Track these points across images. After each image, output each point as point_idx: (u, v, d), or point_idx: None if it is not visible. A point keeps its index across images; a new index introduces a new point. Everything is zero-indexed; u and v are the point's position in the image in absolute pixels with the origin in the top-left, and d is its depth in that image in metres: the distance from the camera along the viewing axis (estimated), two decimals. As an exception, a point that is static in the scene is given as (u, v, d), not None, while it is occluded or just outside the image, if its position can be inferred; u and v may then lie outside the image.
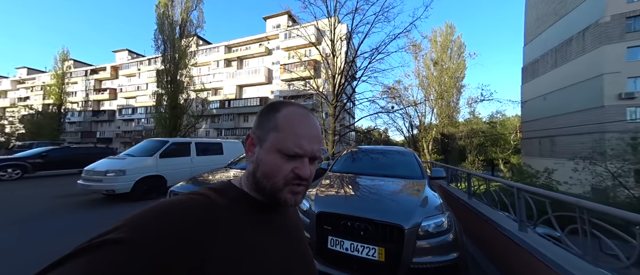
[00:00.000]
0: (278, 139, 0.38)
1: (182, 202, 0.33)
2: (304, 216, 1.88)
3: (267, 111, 0.41)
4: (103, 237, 0.27)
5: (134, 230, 0.27)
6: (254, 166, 0.40)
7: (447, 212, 1.75)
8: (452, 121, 20.10)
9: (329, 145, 8.05)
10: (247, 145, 0.43)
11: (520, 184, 1.99)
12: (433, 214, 1.69)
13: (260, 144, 0.40)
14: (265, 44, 27.24)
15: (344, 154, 3.58)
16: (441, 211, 1.75)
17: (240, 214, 0.37)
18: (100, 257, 0.25)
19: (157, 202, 0.32)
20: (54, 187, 5.85)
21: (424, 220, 1.61)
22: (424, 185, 2.28)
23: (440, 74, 18.04)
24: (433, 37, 19.39)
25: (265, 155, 0.38)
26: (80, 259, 0.25)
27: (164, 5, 16.09)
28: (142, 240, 0.26)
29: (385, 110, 9.98)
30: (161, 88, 16.32)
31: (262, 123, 0.41)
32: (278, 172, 0.37)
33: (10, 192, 5.27)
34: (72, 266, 0.24)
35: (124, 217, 0.29)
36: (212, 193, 0.37)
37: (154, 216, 0.30)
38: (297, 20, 8.63)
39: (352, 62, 8.57)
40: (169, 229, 0.28)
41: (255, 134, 0.41)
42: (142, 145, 5.53)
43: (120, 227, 0.28)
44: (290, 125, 0.39)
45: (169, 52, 16.18)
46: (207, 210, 0.33)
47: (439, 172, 2.78)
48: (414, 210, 1.71)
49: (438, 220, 1.65)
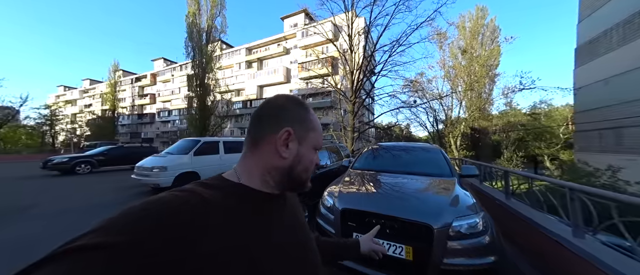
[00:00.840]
0: (315, 138, 0.45)
1: (163, 200, 0.30)
2: (328, 212, 1.91)
3: (302, 110, 0.45)
4: (75, 242, 0.24)
5: (108, 235, 0.25)
6: (293, 161, 0.41)
7: (482, 213, 1.62)
8: (484, 114, 18.17)
9: (348, 142, 7.95)
10: (282, 139, 0.40)
11: (573, 184, 1.74)
12: (465, 214, 1.59)
13: (299, 141, 0.43)
14: (283, 44, 27.84)
15: (364, 151, 3.53)
16: (474, 211, 1.63)
17: (235, 207, 0.36)
18: (70, 266, 0.22)
19: (137, 202, 0.30)
20: (114, 180, 6.88)
21: (455, 220, 1.52)
22: (453, 183, 2.14)
23: (470, 63, 16.33)
24: (461, 23, 17.62)
25: (306, 151, 0.44)
26: (48, 268, 0.22)
27: (192, 14, 17.46)
28: (116, 245, 0.24)
29: (407, 104, 9.43)
30: (191, 91, 17.86)
31: (299, 121, 0.43)
32: (312, 164, 0.45)
33: (85, 184, 6.37)
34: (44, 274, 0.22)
35: (102, 219, 0.27)
36: (201, 188, 0.35)
37: (129, 217, 0.27)
38: (314, 18, 8.57)
39: (371, 57, 8.27)
40: (146, 231, 0.26)
41: (294, 129, 0.41)
42: (179, 144, 6.15)
43: (95, 230, 0.25)
44: (318, 126, 0.47)
45: (197, 58, 17.57)
46: (193, 206, 0.31)
47: (470, 169, 2.59)
48: (444, 209, 1.63)
49: (471, 220, 1.54)
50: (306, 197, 2.98)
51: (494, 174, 3.77)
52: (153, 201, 0.30)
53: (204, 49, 17.65)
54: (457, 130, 16.07)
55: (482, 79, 15.84)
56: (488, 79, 17.25)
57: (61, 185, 6.23)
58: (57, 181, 6.84)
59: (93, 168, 8.76)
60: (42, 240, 2.64)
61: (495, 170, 3.77)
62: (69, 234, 0.23)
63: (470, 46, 16.83)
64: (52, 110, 30.38)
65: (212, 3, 18.04)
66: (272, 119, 0.42)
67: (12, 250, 2.42)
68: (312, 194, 3.07)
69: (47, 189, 5.63)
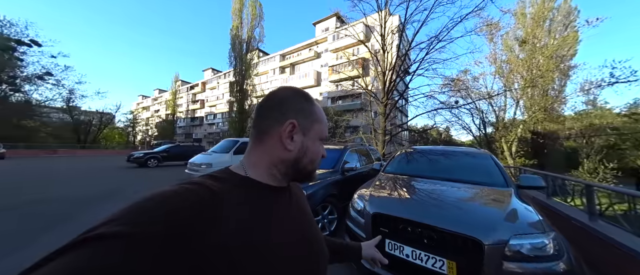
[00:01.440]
0: (320, 129, 0.45)
1: (174, 193, 0.31)
2: (358, 215, 1.87)
3: (305, 101, 0.45)
4: (93, 231, 0.25)
5: (123, 224, 0.26)
6: (298, 153, 0.42)
7: (553, 233, 1.33)
8: (551, 115, 14.84)
9: (379, 145, 7.61)
10: (286, 132, 0.40)
11: None
12: (527, 232, 1.34)
13: (304, 133, 0.43)
14: (314, 48, 28.71)
15: (397, 154, 3.32)
16: (541, 230, 1.36)
17: (243, 199, 0.36)
18: (90, 253, 0.23)
19: (148, 193, 0.30)
20: (172, 173, 8.26)
21: (513, 238, 1.29)
22: (509, 195, 1.84)
23: (531, 56, 13.56)
24: (519, 10, 14.84)
25: (312, 143, 0.44)
26: (70, 255, 0.23)
27: (235, 28, 19.67)
28: (131, 234, 0.25)
29: (447, 105, 8.48)
30: (232, 97, 20.04)
31: (303, 113, 0.43)
32: (318, 155, 0.45)
33: (153, 175, 7.86)
34: (59, 263, 0.23)
35: (119, 209, 0.28)
36: (209, 181, 0.36)
37: (143, 208, 0.28)
38: (345, 20, 8.56)
39: (405, 56, 7.77)
40: (159, 222, 0.27)
41: (299, 122, 0.42)
42: (221, 144, 6.98)
43: (110, 220, 0.26)
44: (322, 117, 0.46)
45: (238, 66, 19.66)
46: (204, 197, 0.32)
47: (532, 180, 2.15)
48: (497, 223, 1.42)
49: (537, 240, 1.29)
50: (335, 198, 2.97)
51: (568, 187, 3.04)
52: (165, 193, 0.31)
53: (244, 57, 19.64)
54: (513, 134, 13.59)
55: (550, 73, 12.93)
56: (559, 73, 14.07)
57: (137, 175, 7.85)
58: (135, 172, 8.66)
59: (159, 162, 10.74)
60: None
61: (570, 184, 3.03)
62: None
63: (531, 35, 14.01)
64: (134, 115, 39.06)
65: (252, 16, 19.96)
66: (275, 112, 0.42)
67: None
68: (341, 196, 3.06)
69: (128, 178, 7.16)
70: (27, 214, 3.36)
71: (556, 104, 14.78)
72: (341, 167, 3.38)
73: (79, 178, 6.87)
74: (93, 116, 28.50)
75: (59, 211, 3.54)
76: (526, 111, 13.98)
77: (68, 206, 3.82)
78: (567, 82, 14.95)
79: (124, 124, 37.57)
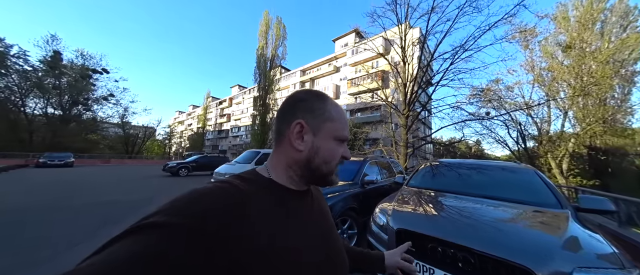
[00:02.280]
0: (334, 128, 0.43)
1: (211, 190, 0.34)
2: (381, 231, 1.74)
3: (316, 101, 0.43)
4: (147, 219, 0.29)
5: (172, 215, 0.29)
6: (309, 154, 0.41)
7: (637, 271, 1.05)
8: (614, 127, 12.58)
9: (401, 158, 7.22)
10: (294, 132, 0.41)
11: None
12: (597, 266, 1.08)
13: (314, 132, 0.41)
14: (333, 63, 29.69)
15: (422, 167, 3.09)
16: (618, 264, 1.09)
17: (268, 200, 0.38)
18: (145, 237, 0.27)
19: (190, 190, 0.34)
20: (200, 182, 8.89)
21: (577, 270, 1.06)
22: (565, 218, 1.55)
23: (579, 61, 11.99)
24: (560, 14, 13.52)
25: (324, 142, 0.42)
26: (128, 239, 0.27)
27: (261, 48, 21.53)
28: (180, 223, 0.28)
29: (476, 117, 7.80)
30: (256, 110, 21.37)
31: (313, 112, 0.42)
32: (335, 157, 0.43)
33: (184, 183, 8.57)
34: (121, 246, 0.27)
35: (164, 202, 0.32)
36: (238, 181, 0.38)
37: (187, 203, 0.32)
38: (364, 36, 8.76)
39: (427, 67, 7.53)
40: (200, 214, 0.30)
41: (307, 122, 0.41)
42: (244, 155, 7.36)
43: (161, 211, 0.30)
44: (339, 116, 0.44)
45: (262, 82, 21.14)
46: (235, 196, 0.35)
47: (597, 202, 1.77)
48: (553, 251, 1.18)
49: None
50: (354, 212, 2.83)
51: (648, 216, 2.44)
52: (203, 190, 0.34)
53: (268, 74, 21.12)
54: (562, 149, 11.76)
55: (607, 80, 11.19)
56: (619, 79, 12.13)
57: (170, 183, 8.65)
58: (168, 180, 9.56)
59: (189, 172, 11.71)
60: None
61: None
62: None
63: (579, 39, 12.52)
64: (171, 129, 44.25)
65: (277, 36, 21.72)
66: (288, 114, 0.42)
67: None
68: (361, 210, 2.90)
69: (163, 186, 7.91)
70: (85, 214, 3.91)
71: (619, 115, 12.56)
72: (361, 180, 3.26)
73: (126, 185, 7.84)
74: (139, 130, 33.10)
75: (108, 214, 4.03)
76: (578, 123, 12.09)
77: (116, 209, 4.37)
78: (632, 89, 12.73)
79: (163, 137, 42.55)
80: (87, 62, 23.56)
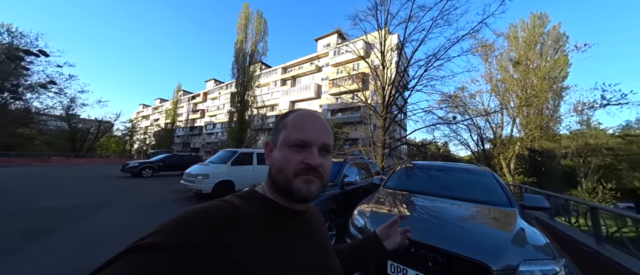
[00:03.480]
0: (286, 135, 0.41)
1: (209, 209, 0.35)
2: (358, 233, 1.78)
3: (279, 119, 0.45)
4: (142, 240, 0.30)
5: (167, 235, 0.30)
6: (270, 166, 0.43)
7: (563, 259, 1.26)
8: (548, 133, 15.08)
9: (378, 158, 7.57)
10: (266, 152, 0.45)
11: None
12: (537, 258, 1.26)
13: (275, 146, 0.43)
14: (315, 62, 29.66)
15: (397, 169, 3.27)
16: (551, 255, 1.29)
17: (263, 218, 0.39)
18: (138, 260, 0.28)
19: (188, 209, 0.35)
20: (168, 184, 8.00)
21: (523, 264, 1.22)
22: (514, 215, 1.78)
23: (525, 76, 14.14)
24: (512, 34, 15.78)
25: (277, 152, 0.42)
26: (122, 261, 0.28)
27: (240, 42, 20.41)
28: (174, 245, 0.29)
29: (445, 121, 8.60)
30: (233, 107, 20.21)
31: (275, 130, 0.45)
32: (288, 163, 0.40)
33: (146, 186, 7.57)
34: (117, 267, 0.28)
35: (159, 223, 0.33)
36: (236, 200, 0.39)
37: (184, 222, 0.32)
38: (347, 37, 8.95)
39: (404, 72, 8.03)
40: (194, 234, 0.31)
41: (271, 141, 0.45)
42: (219, 154, 6.84)
43: (156, 232, 0.31)
44: (296, 122, 0.42)
45: (240, 78, 20.06)
46: (230, 215, 0.35)
47: (536, 200, 2.09)
48: (505, 247, 1.34)
49: (547, 267, 1.22)
50: (333, 214, 2.87)
51: (571, 208, 2.98)
52: (201, 209, 0.35)
53: (247, 69, 20.13)
54: (511, 151, 13.66)
55: (544, 93, 13.39)
56: (552, 94, 14.55)
57: (131, 185, 7.58)
58: (129, 182, 8.37)
59: (154, 172, 10.43)
60: (114, 229, 3.18)
61: (575, 204, 2.97)
62: (130, 228, 0.29)
63: (525, 57, 14.74)
64: (133, 123, 38.92)
65: (257, 31, 20.82)
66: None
67: (88, 238, 2.96)
68: (340, 211, 2.96)
69: (121, 188, 6.91)
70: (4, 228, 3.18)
71: (551, 123, 15.09)
72: (341, 181, 3.31)
73: (68, 188, 6.63)
74: (91, 124, 28.38)
75: (39, 224, 3.34)
76: (523, 129, 14.22)
77: (52, 218, 3.64)
78: (561, 102, 15.42)
79: (122, 132, 37.31)
80: (17, 41, 19.09)
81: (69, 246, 2.58)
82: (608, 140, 16.71)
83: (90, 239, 2.80)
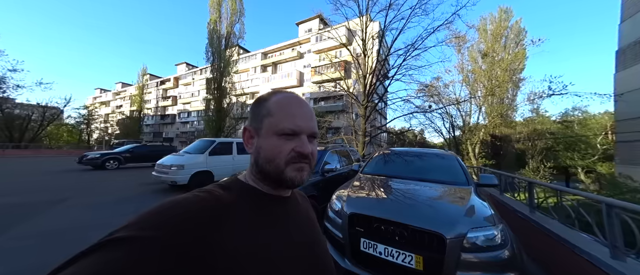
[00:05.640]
0: (273, 123, 0.39)
1: (188, 200, 0.33)
2: (336, 216, 1.90)
3: (258, 103, 0.43)
4: (113, 235, 0.28)
5: (141, 229, 0.28)
6: (255, 155, 0.41)
7: (500, 225, 1.52)
8: (506, 121, 17.01)
9: (360, 146, 7.86)
10: (245, 139, 0.43)
11: (612, 199, 1.57)
12: (482, 226, 1.51)
13: (258, 133, 0.41)
14: (297, 49, 28.51)
15: (375, 156, 3.46)
16: (492, 223, 1.54)
17: (246, 207, 0.37)
18: (109, 255, 0.26)
19: (165, 200, 0.33)
20: (136, 176, 7.39)
21: (470, 231, 1.44)
22: (469, 192, 2.04)
23: (491, 67, 15.47)
24: (482, 26, 16.84)
25: (264, 141, 0.40)
26: (90, 258, 0.26)
27: (213, 22, 18.54)
28: (149, 238, 0.27)
29: (421, 109, 9.15)
30: (209, 94, 18.82)
31: (255, 115, 0.42)
32: (279, 153, 0.39)
33: (112, 179, 6.89)
34: (83, 264, 0.25)
35: (136, 214, 0.30)
36: (218, 189, 0.38)
37: (160, 214, 0.30)
38: (328, 23, 8.70)
39: (385, 61, 8.19)
40: (175, 227, 0.29)
41: (250, 126, 0.42)
42: (196, 144, 6.47)
43: (129, 225, 0.29)
44: (282, 108, 0.40)
45: (216, 62, 18.53)
46: (213, 206, 0.34)
47: (488, 179, 2.43)
48: (458, 219, 1.57)
49: (488, 232, 1.46)
50: (315, 200, 2.98)
51: (516, 184, 3.50)
52: (179, 200, 0.33)
53: (223, 53, 18.60)
54: (476, 137, 15.19)
55: (505, 84, 14.89)
56: (511, 84, 16.19)
57: (92, 179, 6.83)
58: (89, 175, 7.52)
59: (120, 164, 9.51)
60: (67, 231, 2.90)
61: (518, 181, 3.50)
62: (92, 225, 0.27)
63: (491, 49, 16.00)
64: (90, 110, 33.98)
65: (232, 11, 19.03)
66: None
67: (43, 238, 2.68)
68: (321, 197, 3.08)
69: (80, 183, 6.20)
70: None
71: (510, 111, 16.97)
72: (321, 169, 3.41)
73: (5, 183, 5.73)
74: (33, 110, 24.09)
75: None
76: (487, 116, 15.80)
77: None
78: (518, 92, 17.28)
79: (76, 120, 32.54)
80: None
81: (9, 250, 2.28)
82: (551, 126, 19.52)
83: (35, 241, 2.48)
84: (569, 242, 1.77)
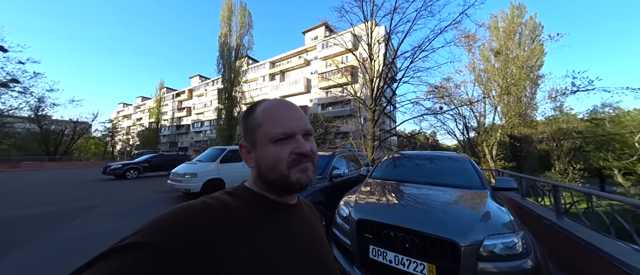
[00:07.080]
0: (265, 132, 0.39)
1: (195, 206, 0.33)
2: (344, 222, 1.86)
3: (245, 117, 0.43)
4: (123, 241, 0.28)
5: (150, 235, 0.28)
6: (257, 168, 0.41)
7: (521, 232, 1.41)
8: (526, 120, 16.01)
9: (369, 150, 7.74)
10: (243, 156, 0.43)
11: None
12: (500, 232, 1.40)
13: (254, 147, 0.41)
14: (304, 56, 29.14)
15: (384, 159, 3.38)
16: (511, 229, 1.43)
17: (253, 213, 0.38)
18: (120, 261, 0.26)
19: (173, 207, 0.33)
20: (153, 185, 7.76)
21: (487, 238, 1.35)
22: (485, 196, 1.92)
23: (505, 66, 14.75)
24: (492, 24, 16.27)
25: (261, 152, 0.40)
26: (102, 263, 0.26)
27: (224, 35, 19.57)
28: (158, 244, 0.27)
29: (432, 111, 8.89)
30: (221, 103, 19.61)
31: (246, 129, 0.42)
32: (279, 159, 0.38)
33: (132, 187, 7.31)
34: (95, 270, 0.26)
35: (147, 221, 0.31)
36: (226, 196, 0.38)
37: (168, 221, 0.31)
38: (334, 30, 8.87)
39: (392, 64, 8.13)
40: (182, 233, 0.29)
41: (245, 142, 0.43)
42: (208, 152, 6.70)
43: (139, 231, 0.29)
44: (270, 115, 0.40)
45: (226, 73, 19.38)
46: (220, 213, 0.34)
47: (506, 182, 2.27)
48: (473, 225, 1.47)
49: (507, 240, 1.35)
50: (323, 206, 2.94)
51: (539, 188, 3.25)
52: (187, 207, 0.33)
53: (233, 64, 19.45)
54: (493, 138, 14.40)
55: (522, 82, 14.08)
56: (529, 82, 15.34)
57: (115, 188, 7.27)
58: (112, 184, 8.02)
59: (139, 173, 10.05)
60: (95, 236, 3.08)
61: (541, 184, 3.25)
62: (116, 232, 0.29)
63: (504, 47, 15.31)
64: (114, 124, 36.80)
65: (242, 24, 20.01)
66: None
67: (73, 245, 2.86)
68: (329, 203, 3.04)
69: (104, 192, 6.63)
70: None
71: (529, 110, 15.99)
72: (329, 174, 3.38)
73: (41, 194, 6.24)
74: (66, 126, 26.44)
75: (6, 235, 3.12)
76: (504, 116, 14.99)
77: (23, 228, 3.43)
78: (537, 90, 16.31)
79: (102, 133, 35.24)
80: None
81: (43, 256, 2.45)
82: (578, 125, 18.01)
83: (64, 248, 2.66)
84: (605, 252, 1.60)
